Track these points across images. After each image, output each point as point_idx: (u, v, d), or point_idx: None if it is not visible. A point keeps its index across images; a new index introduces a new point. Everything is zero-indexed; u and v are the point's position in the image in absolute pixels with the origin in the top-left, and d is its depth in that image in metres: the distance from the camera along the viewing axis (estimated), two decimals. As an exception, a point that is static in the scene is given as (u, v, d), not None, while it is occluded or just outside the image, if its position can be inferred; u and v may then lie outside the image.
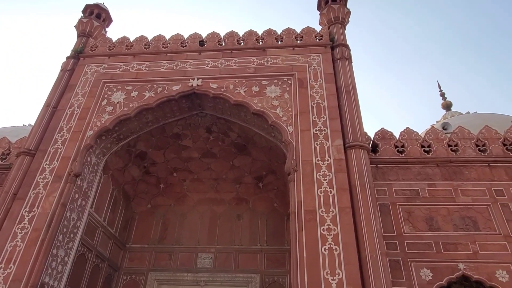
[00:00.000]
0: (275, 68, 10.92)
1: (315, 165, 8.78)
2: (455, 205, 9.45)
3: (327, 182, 8.46)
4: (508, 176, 9.82)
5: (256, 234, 12.19)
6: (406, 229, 9.14)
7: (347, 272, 7.23)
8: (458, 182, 9.84)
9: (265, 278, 11.27)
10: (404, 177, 10.03)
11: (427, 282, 8.31)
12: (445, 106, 23.38)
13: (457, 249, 8.74)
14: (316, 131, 9.41)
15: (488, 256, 8.60)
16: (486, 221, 9.15)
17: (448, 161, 10.21)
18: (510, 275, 8.29)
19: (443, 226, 9.15)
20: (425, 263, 8.58)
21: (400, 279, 8.33)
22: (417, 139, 10.80)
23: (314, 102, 10.00)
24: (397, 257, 8.66)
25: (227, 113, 11.12)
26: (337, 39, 11.55)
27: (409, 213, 9.39)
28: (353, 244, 7.62)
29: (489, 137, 10.67)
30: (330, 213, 8.01)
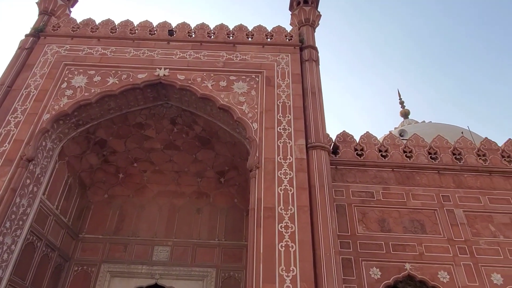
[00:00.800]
0: (244, 64, 10.94)
1: (277, 163, 8.91)
2: (406, 209, 9.97)
3: (288, 180, 8.63)
4: (455, 183, 10.48)
5: (215, 229, 12.20)
6: (359, 229, 9.52)
7: (302, 269, 7.43)
8: (410, 186, 10.38)
9: (221, 273, 11.31)
10: (361, 179, 10.43)
11: (375, 281, 8.72)
12: (403, 114, 24.52)
13: (405, 250, 9.23)
14: (280, 129, 9.55)
15: (432, 258, 9.15)
16: (432, 224, 9.73)
17: (403, 167, 10.73)
18: (450, 276, 8.88)
19: (394, 228, 9.62)
20: (375, 262, 8.99)
21: (351, 277, 8.69)
22: (376, 143, 11.25)
23: (280, 101, 10.13)
24: (350, 256, 9.01)
25: (193, 106, 11.01)
26: (307, 40, 11.75)
27: (363, 214, 9.78)
28: (309, 242, 7.83)
29: (441, 146, 11.32)
30: (289, 211, 8.17)
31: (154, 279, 11.13)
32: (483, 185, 10.45)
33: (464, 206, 10.02)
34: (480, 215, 9.92)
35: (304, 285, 7.22)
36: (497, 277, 8.89)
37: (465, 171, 10.70)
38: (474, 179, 10.57)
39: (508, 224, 9.79)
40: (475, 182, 10.52)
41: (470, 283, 8.78)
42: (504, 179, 10.63)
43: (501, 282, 8.82)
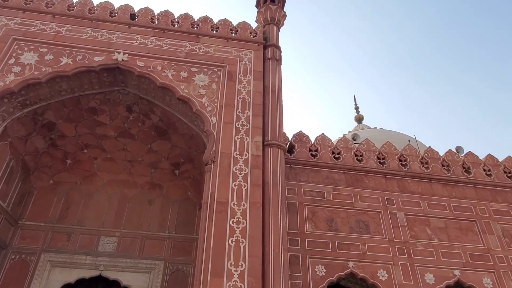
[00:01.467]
0: (207, 56, 10.83)
1: (233, 159, 8.95)
2: (353, 210, 10.43)
3: (242, 176, 8.69)
4: (399, 188, 11.13)
5: (166, 221, 12.01)
6: (309, 227, 9.82)
7: (250, 264, 7.54)
8: (359, 189, 10.87)
9: (170, 266, 11.17)
10: (314, 179, 10.75)
11: (320, 278, 9.06)
12: (357, 119, 25.54)
13: (350, 249, 9.67)
14: (239, 125, 9.58)
15: (374, 257, 9.67)
16: (376, 226, 10.27)
17: (353, 169, 11.20)
18: (389, 275, 9.44)
19: (341, 228, 10.04)
20: (321, 260, 9.33)
21: (297, 274, 8.96)
22: (330, 145, 11.64)
23: (240, 97, 10.15)
24: (298, 253, 9.28)
25: (151, 95, 10.74)
26: (271, 39, 11.86)
27: (313, 213, 10.11)
28: (259, 238, 7.96)
29: (389, 152, 11.95)
30: (241, 207, 8.25)
31: (98, 270, 10.75)
32: (424, 191, 11.19)
33: (405, 210, 10.67)
34: (419, 218, 10.62)
35: (252, 280, 7.34)
36: (430, 276, 9.58)
37: (409, 177, 11.38)
38: (416, 185, 11.28)
39: (443, 228, 10.57)
40: (417, 188, 11.23)
41: (405, 282, 9.39)
42: (442, 186, 11.44)
43: (433, 281, 9.53)
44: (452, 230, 10.60)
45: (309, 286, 8.84)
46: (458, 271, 9.82)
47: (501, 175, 12.18)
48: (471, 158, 12.44)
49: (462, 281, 9.72)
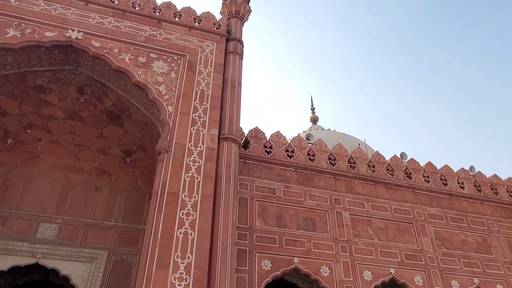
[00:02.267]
0: (167, 44, 10.57)
1: (187, 150, 8.84)
2: (302, 207, 10.74)
3: (196, 168, 8.63)
4: (347, 189, 11.62)
5: (113, 210, 11.61)
6: (258, 223, 9.98)
7: (197, 256, 7.53)
8: (309, 187, 11.20)
9: (113, 256, 10.83)
10: (266, 175, 10.92)
11: (265, 272, 9.25)
12: (312, 119, 26.28)
13: (296, 245, 9.96)
14: (195, 116, 9.48)
15: (318, 254, 10.04)
16: (322, 224, 10.66)
17: (305, 168, 11.52)
18: (330, 271, 9.85)
19: (289, 224, 10.30)
20: (267, 255, 9.52)
21: (243, 267, 9.07)
22: (284, 143, 11.87)
23: (199, 88, 10.04)
24: (245, 247, 9.40)
25: (106, 78, 10.30)
26: (234, 32, 11.82)
27: (263, 209, 10.27)
28: (208, 231, 7.96)
29: (340, 154, 12.43)
30: (192, 199, 8.19)
31: (35, 258, 10.17)
32: (369, 193, 11.78)
33: (350, 210, 11.17)
34: (363, 219, 11.17)
35: (198, 273, 7.34)
36: (368, 274, 10.14)
37: (356, 179, 11.92)
38: (362, 187, 11.85)
39: (383, 229, 11.21)
40: (363, 189, 11.80)
41: (345, 278, 9.86)
42: (386, 189, 12.11)
43: (370, 278, 10.09)
44: (391, 231, 11.27)
45: (255, 280, 9.00)
46: (393, 269, 10.48)
47: (437, 182, 13.12)
48: (413, 164, 13.27)
49: (396, 279, 10.39)
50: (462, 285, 10.99)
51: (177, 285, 7.10)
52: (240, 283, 8.79)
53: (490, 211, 13.16)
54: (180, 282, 7.14)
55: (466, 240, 12.08)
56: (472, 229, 12.39)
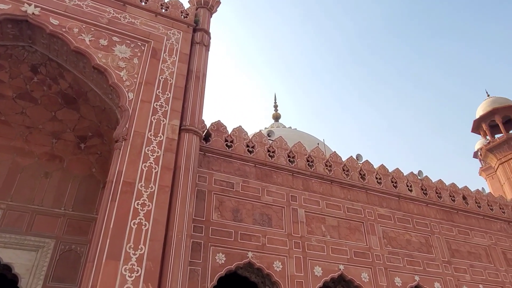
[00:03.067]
0: (132, 28, 10.22)
1: (146, 139, 8.63)
2: (259, 202, 10.87)
3: (154, 158, 8.46)
4: (304, 186, 11.91)
5: (63, 197, 11.12)
6: (214, 216, 9.97)
7: (150, 248, 7.40)
8: (267, 183, 11.36)
9: (61, 245, 10.39)
10: (226, 169, 10.92)
11: (219, 265, 9.28)
12: (274, 117, 26.58)
13: (251, 240, 10.08)
14: (157, 105, 9.27)
15: (272, 249, 10.23)
16: (278, 220, 10.87)
17: (264, 164, 11.65)
18: (283, 266, 10.07)
19: (245, 219, 10.39)
20: (222, 248, 9.56)
21: (197, 260, 9.05)
22: (245, 138, 11.92)
23: (163, 77, 9.82)
24: (200, 240, 9.37)
25: (63, 58, 9.79)
26: (202, 23, 11.64)
27: (220, 203, 10.28)
28: (163, 223, 7.85)
29: (299, 152, 12.69)
30: (149, 189, 8.03)
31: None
32: (324, 191, 12.15)
33: (306, 207, 11.47)
34: (317, 216, 11.51)
35: (150, 264, 7.22)
36: (318, 269, 10.49)
37: (313, 177, 12.24)
38: (318, 185, 12.19)
39: (335, 227, 11.62)
40: (319, 188, 12.14)
41: (297, 273, 10.14)
42: (340, 188, 12.55)
43: (320, 274, 10.44)
44: (343, 229, 11.71)
45: (208, 273, 9.01)
46: (342, 265, 10.92)
47: (388, 184, 13.79)
48: (367, 166, 13.84)
49: (345, 275, 10.83)
50: (404, 282, 11.67)
51: (128, 276, 6.95)
52: (193, 275, 8.77)
53: (434, 213, 14.04)
54: (131, 274, 6.99)
55: (410, 240, 12.82)
56: (417, 230, 13.16)
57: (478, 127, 20.70)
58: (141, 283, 6.98)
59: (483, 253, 14.09)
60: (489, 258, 14.08)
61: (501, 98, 20.43)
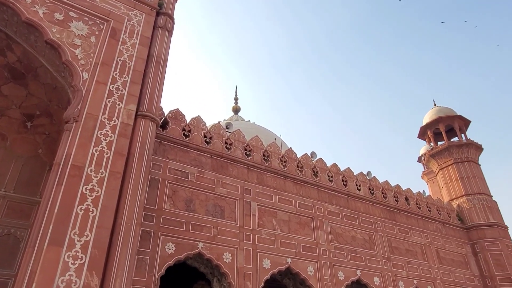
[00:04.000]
0: (91, 5, 9.69)
1: (99, 122, 8.29)
2: (213, 194, 10.87)
3: (107, 143, 8.15)
4: (258, 180, 12.07)
5: (4, 178, 10.43)
6: (167, 205, 9.84)
7: (97, 234, 7.16)
8: (222, 175, 11.37)
9: None
10: (181, 159, 10.79)
11: (168, 255, 9.20)
12: (234, 109, 26.55)
13: (202, 231, 10.07)
14: (113, 88, 8.92)
15: (223, 241, 10.30)
16: (231, 212, 10.94)
17: (221, 156, 11.65)
18: (233, 258, 10.19)
19: (198, 209, 10.36)
20: (172, 238, 9.47)
21: (146, 249, 8.90)
22: (203, 129, 11.84)
23: (121, 59, 9.45)
24: (151, 229, 9.22)
25: (12, 29, 9.10)
26: (166, 7, 11.31)
27: (174, 192, 10.16)
28: (112, 209, 7.61)
29: (256, 146, 12.83)
30: (99, 175, 7.74)
31: None
32: (278, 186, 12.40)
33: (259, 201, 11.65)
34: (269, 210, 11.74)
35: (95, 252, 6.99)
36: (267, 262, 10.72)
37: (268, 172, 12.44)
38: (272, 180, 12.41)
39: (286, 221, 11.92)
40: (273, 182, 12.37)
41: (246, 265, 10.30)
42: (293, 184, 12.87)
43: (269, 266, 10.69)
44: (293, 223, 12.04)
45: (156, 262, 8.90)
46: (290, 259, 11.24)
47: (339, 182, 14.34)
48: (321, 164, 14.29)
49: (292, 268, 11.17)
50: (347, 276, 12.26)
51: (71, 263, 6.68)
52: (140, 264, 8.62)
53: (378, 212, 14.83)
54: (74, 261, 6.73)
55: (355, 236, 13.46)
56: (362, 227, 13.85)
57: (424, 133, 22.05)
58: (84, 270, 6.74)
59: (419, 251, 15.13)
60: (424, 256, 15.15)
61: (445, 108, 21.88)
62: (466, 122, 21.17)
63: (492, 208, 18.34)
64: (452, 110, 21.89)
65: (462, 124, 21.06)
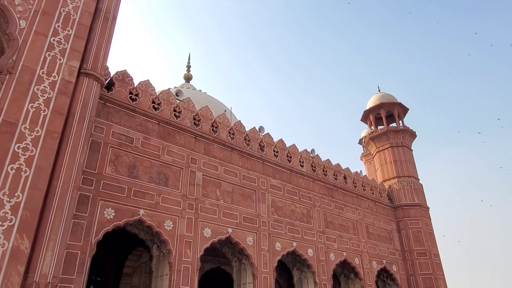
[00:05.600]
0: None
1: (37, 77, 7.65)
2: (158, 161, 10.67)
3: (45, 100, 7.58)
4: (205, 150, 12.03)
5: None
6: (108, 170, 9.50)
7: (30, 196, 6.76)
8: (169, 143, 11.17)
9: None
10: (127, 123, 10.39)
11: (107, 221, 8.98)
12: (186, 77, 25.81)
13: (144, 198, 9.92)
14: (54, 41, 8.21)
15: (165, 208, 10.25)
16: (175, 180, 10.86)
17: (168, 123, 11.39)
18: (174, 226, 10.21)
19: (141, 176, 10.14)
20: (112, 203, 9.23)
21: (83, 214, 8.61)
22: (152, 94, 11.42)
23: (65, 10, 8.68)
24: (89, 193, 8.89)
25: None
26: (119, -40, 10.48)
27: (117, 157, 9.82)
28: (48, 171, 7.20)
29: (205, 116, 12.69)
30: (34, 133, 7.22)
31: None
32: (224, 158, 12.47)
33: (204, 171, 11.66)
34: (214, 180, 11.82)
35: (27, 214, 6.62)
36: (208, 231, 10.90)
37: (216, 143, 12.43)
38: (219, 151, 12.45)
39: (230, 192, 12.11)
40: (219, 154, 12.41)
41: (187, 233, 10.40)
42: (240, 157, 13.02)
43: (209, 235, 10.89)
44: (236, 195, 12.28)
45: (93, 227, 8.66)
46: (231, 229, 11.53)
47: (284, 158, 14.78)
48: (267, 139, 14.56)
49: (232, 238, 11.49)
50: (283, 247, 12.90)
51: (-2, 225, 6.28)
52: (76, 229, 8.35)
53: (318, 188, 15.60)
54: (3, 223, 6.33)
55: (295, 210, 14.09)
56: (301, 202, 14.51)
57: (366, 117, 23.22)
58: (14, 233, 6.38)
59: (351, 226, 16.27)
60: (355, 231, 16.34)
61: (388, 94, 23.12)
62: (404, 109, 22.61)
63: (418, 190, 20.10)
64: (394, 97, 23.21)
65: (401, 111, 22.47)
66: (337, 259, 14.75)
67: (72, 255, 8.10)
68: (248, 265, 12.01)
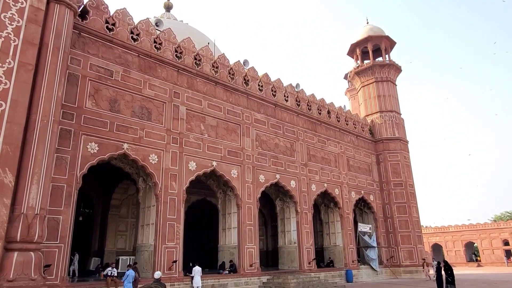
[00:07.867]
0: None
1: (2, 3, 7.08)
2: (140, 95, 10.44)
3: (14, 28, 7.10)
4: (188, 84, 11.76)
5: None
6: (88, 104, 9.29)
7: (8, 130, 6.65)
8: (150, 76, 10.84)
9: None
10: (104, 55, 9.94)
11: (91, 155, 8.99)
12: (166, 6, 24.28)
13: (127, 132, 9.86)
14: (18, -38, 7.47)
15: (149, 143, 10.27)
16: (158, 114, 10.75)
17: (149, 56, 10.94)
18: (159, 159, 10.33)
19: (123, 110, 9.97)
20: (95, 138, 9.17)
21: (66, 148, 8.57)
22: (130, 24, 10.79)
23: None
24: (70, 127, 8.76)
25: None
26: None
27: (96, 90, 9.54)
28: (25, 105, 7.00)
29: (187, 48, 12.20)
30: (6, 65, 6.88)
31: None
32: (208, 92, 12.27)
33: (188, 105, 11.53)
34: (198, 115, 11.75)
35: (7, 148, 6.56)
36: (193, 164, 11.10)
37: (199, 76, 12.13)
38: (203, 85, 12.21)
39: (214, 126, 12.14)
40: (203, 88, 12.19)
41: (172, 167, 10.57)
42: (224, 91, 12.84)
43: (194, 168, 11.11)
44: (221, 129, 12.33)
45: (78, 162, 8.69)
46: (215, 162, 11.76)
47: (268, 92, 14.65)
48: (252, 72, 14.28)
49: (217, 170, 11.77)
50: (267, 179, 13.34)
51: (-20, 159, 6.23)
52: (60, 163, 8.37)
53: (302, 123, 15.76)
54: (-17, 158, 6.28)
55: (278, 144, 14.35)
56: (285, 136, 14.73)
57: (353, 51, 22.70)
58: (-4, 168, 6.37)
59: (332, 159, 16.80)
60: (336, 164, 16.91)
61: (376, 27, 22.41)
62: (392, 43, 22.15)
63: (399, 124, 20.55)
64: (382, 30, 22.59)
65: (388, 45, 22.03)
66: (318, 190, 15.45)
67: (58, 188, 8.22)
68: (233, 196, 12.49)
